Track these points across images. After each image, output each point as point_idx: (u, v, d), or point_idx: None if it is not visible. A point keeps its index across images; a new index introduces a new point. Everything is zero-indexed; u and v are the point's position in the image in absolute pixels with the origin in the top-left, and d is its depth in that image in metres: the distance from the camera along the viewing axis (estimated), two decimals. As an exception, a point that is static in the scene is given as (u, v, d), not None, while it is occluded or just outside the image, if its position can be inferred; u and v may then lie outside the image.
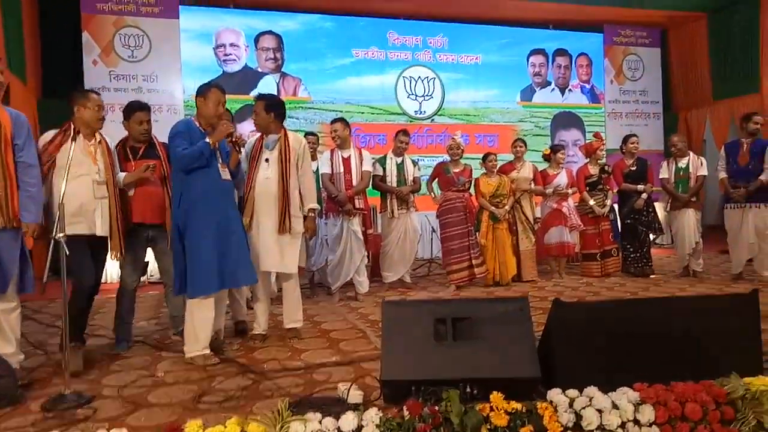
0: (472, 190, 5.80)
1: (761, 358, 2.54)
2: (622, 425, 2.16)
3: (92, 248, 3.33)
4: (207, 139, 3.25)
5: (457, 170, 5.64)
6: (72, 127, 3.32)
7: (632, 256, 6.11)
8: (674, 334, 2.46)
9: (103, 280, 6.83)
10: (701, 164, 5.82)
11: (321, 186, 5.12)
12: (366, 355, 3.31)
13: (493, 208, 5.66)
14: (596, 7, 8.61)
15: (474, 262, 5.51)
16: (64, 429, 2.18)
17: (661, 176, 5.98)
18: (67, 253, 2.64)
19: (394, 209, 5.56)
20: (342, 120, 5.32)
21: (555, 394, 2.22)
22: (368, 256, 5.56)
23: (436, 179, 5.78)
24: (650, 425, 2.16)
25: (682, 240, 5.82)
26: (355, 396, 2.44)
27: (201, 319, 3.25)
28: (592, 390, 2.23)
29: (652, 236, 6.17)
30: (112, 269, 6.81)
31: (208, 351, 3.28)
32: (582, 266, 6.29)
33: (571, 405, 2.19)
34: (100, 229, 3.34)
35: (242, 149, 3.62)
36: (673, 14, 9.17)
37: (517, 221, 5.91)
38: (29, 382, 2.96)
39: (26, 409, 2.59)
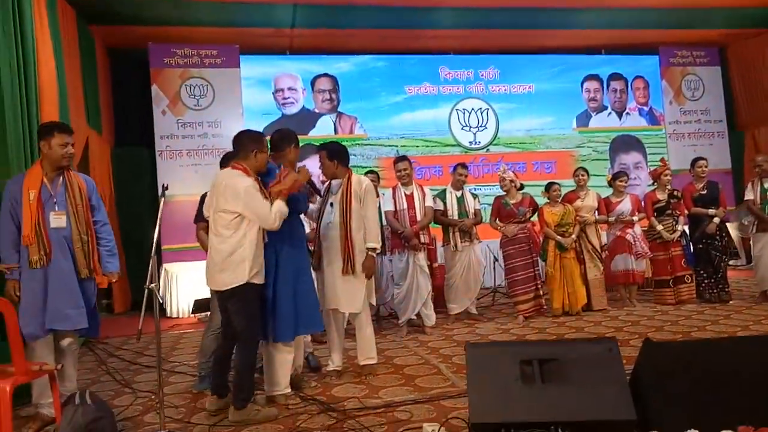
0: (534, 218, 5.75)
1: None
2: (729, 469, 2.07)
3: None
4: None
5: (514, 201, 5.62)
6: None
7: (706, 281, 5.86)
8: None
9: (177, 315, 7.27)
10: (790, 184, 5.59)
11: (385, 223, 5.21)
12: (444, 392, 3.31)
13: (559, 237, 5.58)
14: (650, 30, 8.49)
15: (540, 292, 5.46)
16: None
17: (746, 197, 5.77)
18: (161, 301, 2.81)
19: (458, 242, 5.57)
20: (407, 158, 5.43)
21: (654, 437, 2.16)
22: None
23: (497, 216, 5.74)
24: (759, 469, 2.06)
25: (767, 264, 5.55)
26: (443, 437, 2.44)
27: (282, 361, 3.34)
28: (692, 432, 2.16)
29: (727, 260, 5.91)
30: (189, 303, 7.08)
31: (289, 390, 3.36)
32: (654, 293, 6.07)
33: (671, 447, 2.12)
34: None
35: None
36: (731, 32, 8.92)
37: (583, 250, 5.79)
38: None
39: (127, 449, 2.73)
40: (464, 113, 8.59)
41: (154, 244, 2.87)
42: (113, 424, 2.86)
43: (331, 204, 3.81)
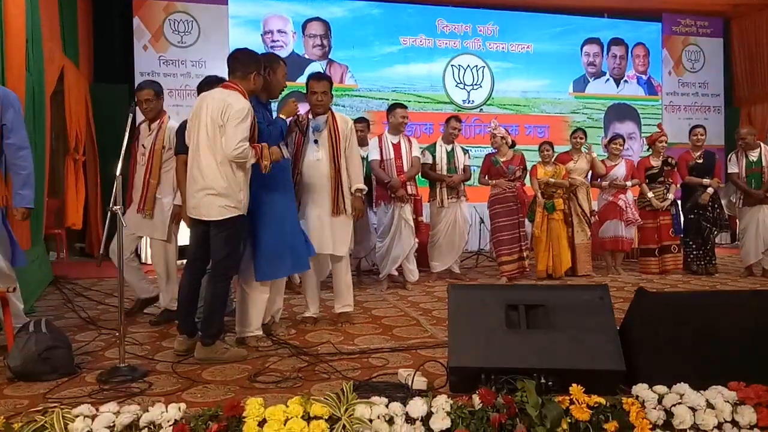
0: (526, 180, 5.59)
1: None
2: (719, 426, 1.96)
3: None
4: (281, 115, 3.18)
5: (505, 159, 5.44)
6: None
7: (695, 253, 5.78)
8: (771, 330, 2.23)
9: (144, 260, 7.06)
10: (776, 157, 5.46)
11: (370, 173, 4.99)
12: (422, 343, 3.18)
13: (539, 193, 5.43)
14: (655, -6, 8.25)
15: (525, 254, 5.34)
16: (120, 401, 2.11)
17: (730, 171, 5.62)
18: (125, 225, 2.60)
19: (444, 198, 5.39)
20: (404, 106, 5.19)
21: (642, 390, 2.04)
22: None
23: (486, 174, 5.56)
24: (751, 428, 1.96)
25: (754, 238, 5.46)
26: (420, 382, 2.30)
27: (256, 300, 3.18)
28: (682, 387, 2.04)
29: (717, 232, 5.82)
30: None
31: (260, 333, 3.20)
32: (639, 262, 5.99)
33: (660, 401, 2.00)
34: None
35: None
36: (738, 2, 8.67)
37: (572, 213, 5.66)
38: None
39: (82, 380, 2.56)
40: (459, 70, 8.31)
41: (120, 163, 2.65)
42: (69, 355, 2.69)
43: (316, 141, 3.58)
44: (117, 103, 7.55)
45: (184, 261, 3.16)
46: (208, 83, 3.48)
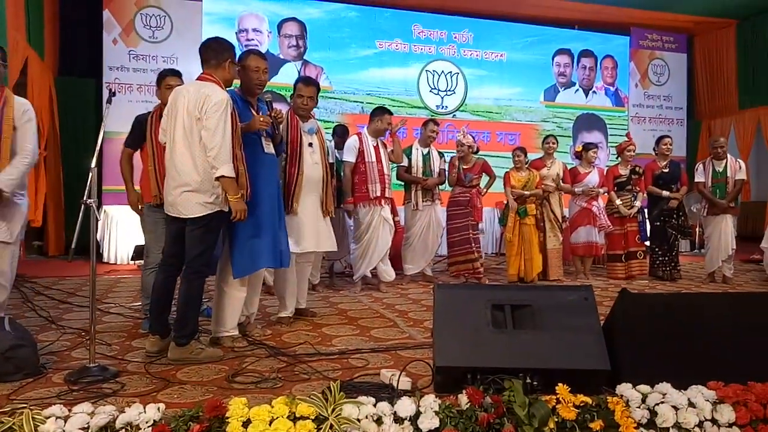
0: (482, 183, 5.65)
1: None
2: (700, 424, 2.00)
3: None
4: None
5: (466, 167, 5.50)
6: None
7: (661, 259, 5.93)
8: (747, 331, 2.29)
9: (114, 261, 6.84)
10: (740, 168, 5.65)
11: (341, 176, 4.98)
12: (401, 344, 3.15)
13: (513, 201, 5.49)
14: (623, 8, 8.47)
15: (474, 255, 5.43)
16: (93, 402, 2.01)
17: (697, 180, 5.80)
18: (98, 218, 2.49)
19: (419, 201, 5.41)
20: (391, 113, 5.14)
21: (626, 389, 2.06)
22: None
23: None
24: (730, 426, 2.00)
25: (717, 247, 5.64)
26: (404, 383, 2.27)
27: (233, 299, 3.11)
28: (665, 386, 2.08)
29: (681, 238, 5.99)
30: (129, 250, 6.68)
31: (236, 332, 3.12)
32: (607, 267, 6.12)
33: (643, 401, 2.02)
34: None
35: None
36: (701, 20, 9.01)
37: (545, 219, 5.74)
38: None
39: (49, 381, 2.44)
40: (434, 75, 8.36)
41: (95, 156, 2.54)
42: (35, 354, 2.56)
43: (310, 144, 3.73)
44: (83, 96, 7.34)
45: (141, 261, 3.05)
46: (164, 77, 3.52)
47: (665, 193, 5.81)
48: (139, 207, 3.52)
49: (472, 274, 5.47)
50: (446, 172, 5.65)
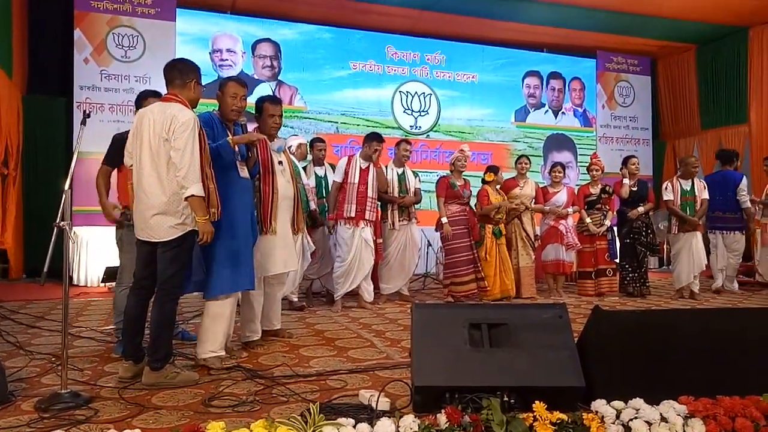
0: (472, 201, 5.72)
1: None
2: (672, 438, 2.05)
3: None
4: (228, 139, 3.11)
5: (460, 183, 5.56)
6: None
7: (630, 275, 6.07)
8: (715, 346, 2.37)
9: (85, 283, 6.68)
10: (704, 187, 5.87)
11: (324, 195, 5.05)
12: (379, 364, 3.16)
13: (492, 210, 5.55)
14: (590, 32, 8.76)
15: (481, 274, 5.41)
16: (66, 430, 1.97)
17: (665, 198, 5.99)
18: (72, 240, 2.45)
19: (395, 220, 5.45)
20: (383, 139, 5.24)
21: (600, 405, 2.11)
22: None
23: (445, 195, 5.58)
24: (701, 439, 2.06)
25: (687, 263, 5.81)
26: (383, 403, 2.27)
27: (223, 317, 3.09)
28: (638, 402, 2.13)
29: (650, 255, 6.15)
30: (99, 272, 6.54)
31: (224, 353, 3.09)
32: (577, 284, 6.23)
33: (618, 416, 2.07)
34: None
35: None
36: (664, 44, 9.37)
37: (516, 237, 5.84)
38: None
39: (18, 408, 2.37)
40: (407, 96, 8.48)
41: (69, 177, 2.52)
42: (3, 381, 2.49)
43: (280, 162, 3.71)
44: (53, 115, 7.21)
45: (112, 284, 3.02)
46: (145, 97, 3.45)
47: (630, 213, 5.97)
48: (116, 211, 3.44)
49: (477, 293, 5.41)
50: (421, 192, 5.70)
